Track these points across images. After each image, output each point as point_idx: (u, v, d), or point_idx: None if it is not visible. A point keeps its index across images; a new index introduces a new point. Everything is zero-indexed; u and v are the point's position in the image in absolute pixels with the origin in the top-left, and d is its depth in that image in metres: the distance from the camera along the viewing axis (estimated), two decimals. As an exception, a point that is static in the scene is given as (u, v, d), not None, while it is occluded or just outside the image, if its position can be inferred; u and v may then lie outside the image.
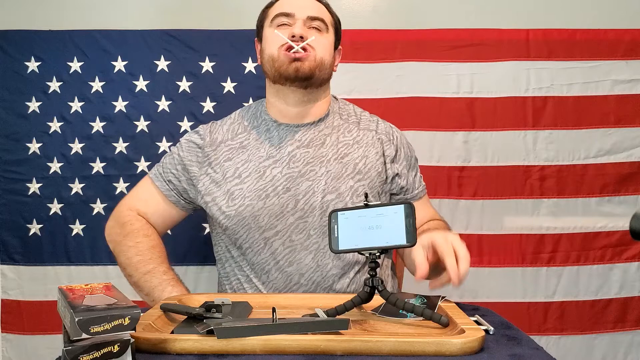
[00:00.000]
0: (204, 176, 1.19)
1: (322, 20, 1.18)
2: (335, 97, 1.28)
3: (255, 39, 1.26)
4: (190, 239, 1.66)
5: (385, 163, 1.20)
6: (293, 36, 1.12)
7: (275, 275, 1.14)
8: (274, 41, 1.15)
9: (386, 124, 1.27)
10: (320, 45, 1.16)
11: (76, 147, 1.67)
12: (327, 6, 1.23)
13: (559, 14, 1.68)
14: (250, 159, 1.17)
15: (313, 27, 1.16)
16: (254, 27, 1.27)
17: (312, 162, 1.16)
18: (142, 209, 1.24)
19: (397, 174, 1.21)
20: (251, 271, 1.17)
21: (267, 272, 1.15)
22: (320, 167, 1.16)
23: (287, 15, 1.16)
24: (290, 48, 1.12)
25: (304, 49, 1.12)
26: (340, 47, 1.26)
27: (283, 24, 1.16)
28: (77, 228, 1.67)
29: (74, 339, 0.61)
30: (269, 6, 1.23)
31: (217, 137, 1.22)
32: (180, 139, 1.27)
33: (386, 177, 1.21)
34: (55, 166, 1.67)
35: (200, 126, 1.27)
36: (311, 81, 1.15)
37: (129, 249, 1.16)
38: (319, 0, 1.22)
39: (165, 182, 1.23)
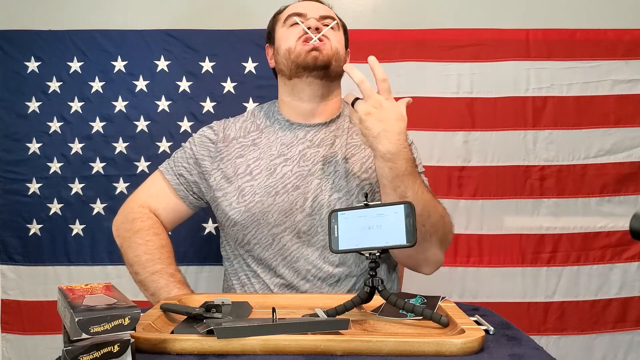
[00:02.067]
0: (215, 171, 1.20)
1: (333, 19, 1.21)
2: (346, 101, 1.29)
3: (267, 44, 1.28)
4: (190, 239, 1.66)
5: None
6: (309, 28, 1.15)
7: (282, 271, 1.16)
8: (290, 36, 1.18)
9: None
10: (335, 37, 1.19)
11: (76, 147, 1.67)
12: (333, 10, 1.27)
13: (559, 14, 1.68)
14: (261, 157, 1.19)
15: (325, 25, 1.19)
16: (255, 27, 1.28)
17: (321, 162, 1.18)
18: (153, 205, 1.23)
19: None
20: (258, 267, 1.18)
21: (274, 267, 1.16)
22: (328, 167, 1.18)
23: (299, 15, 1.19)
24: (307, 40, 1.15)
25: (320, 39, 1.15)
26: (348, 49, 1.29)
27: (296, 23, 1.18)
28: (77, 228, 1.67)
29: (74, 339, 0.61)
30: (279, 12, 1.26)
31: (230, 133, 1.23)
32: (194, 134, 1.27)
33: None
34: (55, 166, 1.67)
35: (214, 122, 1.28)
36: (328, 71, 1.16)
37: (139, 246, 1.16)
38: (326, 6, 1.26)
39: (175, 175, 1.23)
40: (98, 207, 1.67)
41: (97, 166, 1.67)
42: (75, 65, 1.67)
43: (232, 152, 1.20)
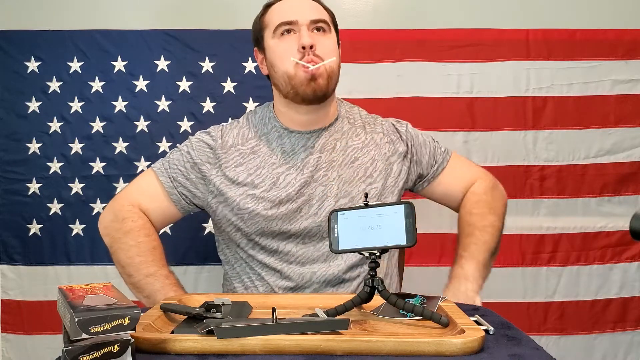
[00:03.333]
0: (215, 177, 1.18)
1: (324, 21, 1.17)
2: (340, 100, 1.29)
3: (255, 48, 1.24)
4: (190, 239, 1.66)
5: (402, 161, 1.22)
6: (303, 47, 1.11)
7: (288, 274, 1.15)
8: (284, 55, 1.13)
9: (388, 121, 1.27)
10: (328, 51, 1.14)
11: (76, 147, 1.67)
12: (321, 3, 1.21)
13: (559, 14, 1.68)
14: (262, 166, 1.17)
15: (317, 30, 1.15)
16: (253, 28, 1.26)
17: (324, 167, 1.17)
18: (144, 204, 1.20)
19: (416, 162, 1.25)
20: (262, 270, 1.18)
21: (279, 270, 1.16)
22: (332, 172, 1.17)
23: (289, 23, 1.14)
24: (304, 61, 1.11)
25: (317, 58, 1.12)
26: (339, 42, 1.24)
27: (287, 32, 1.14)
28: (77, 228, 1.67)
29: (74, 339, 0.61)
30: (263, 13, 1.20)
31: (228, 140, 1.21)
32: (190, 137, 1.24)
33: (408, 173, 1.24)
34: (55, 166, 1.67)
35: (212, 127, 1.25)
36: (325, 95, 1.15)
37: (130, 248, 1.15)
38: None
39: (169, 178, 1.20)
40: (98, 207, 1.67)
41: (97, 166, 1.67)
42: (75, 65, 1.67)
43: (230, 160, 1.18)
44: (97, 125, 1.67)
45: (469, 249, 1.17)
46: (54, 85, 1.67)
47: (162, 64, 1.67)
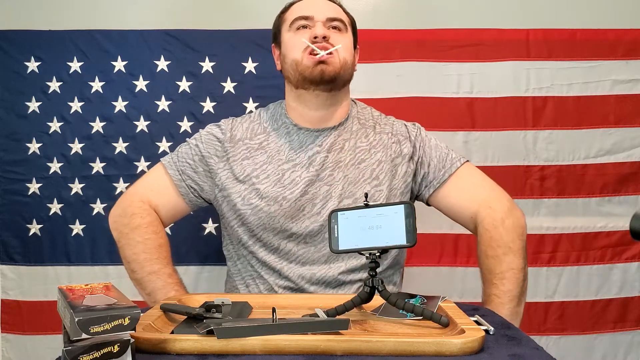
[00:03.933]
0: (221, 170, 1.19)
1: (341, 20, 1.18)
2: (354, 101, 1.29)
3: (273, 44, 1.26)
4: (190, 239, 1.66)
5: (406, 162, 1.21)
6: (315, 37, 1.12)
7: (288, 274, 1.16)
8: (295, 45, 1.15)
9: (400, 122, 1.28)
10: (343, 42, 1.16)
11: (76, 147, 1.67)
12: (342, 6, 1.24)
13: (559, 14, 1.68)
14: (269, 161, 1.18)
15: (333, 28, 1.17)
16: (254, 28, 1.27)
17: (330, 167, 1.17)
18: (154, 200, 1.21)
19: (422, 163, 1.23)
20: (262, 268, 1.18)
21: (278, 270, 1.16)
22: (338, 172, 1.17)
23: (306, 18, 1.16)
24: (313, 52, 1.12)
25: (329, 45, 1.13)
26: (357, 46, 1.26)
27: (302, 27, 1.16)
28: (77, 228, 1.67)
29: (74, 339, 0.62)
30: (284, 11, 1.23)
31: (237, 134, 1.22)
32: (200, 130, 1.26)
33: (414, 174, 1.23)
34: (55, 166, 1.67)
35: (223, 120, 1.26)
36: (335, 83, 1.15)
37: (137, 244, 1.15)
38: (333, 1, 1.23)
39: (178, 171, 1.21)
40: (98, 207, 1.67)
41: (97, 166, 1.67)
42: (75, 65, 1.66)
43: (237, 154, 1.19)
44: (97, 125, 1.67)
45: (492, 304, 1.11)
46: (54, 85, 1.67)
47: (162, 64, 1.66)
